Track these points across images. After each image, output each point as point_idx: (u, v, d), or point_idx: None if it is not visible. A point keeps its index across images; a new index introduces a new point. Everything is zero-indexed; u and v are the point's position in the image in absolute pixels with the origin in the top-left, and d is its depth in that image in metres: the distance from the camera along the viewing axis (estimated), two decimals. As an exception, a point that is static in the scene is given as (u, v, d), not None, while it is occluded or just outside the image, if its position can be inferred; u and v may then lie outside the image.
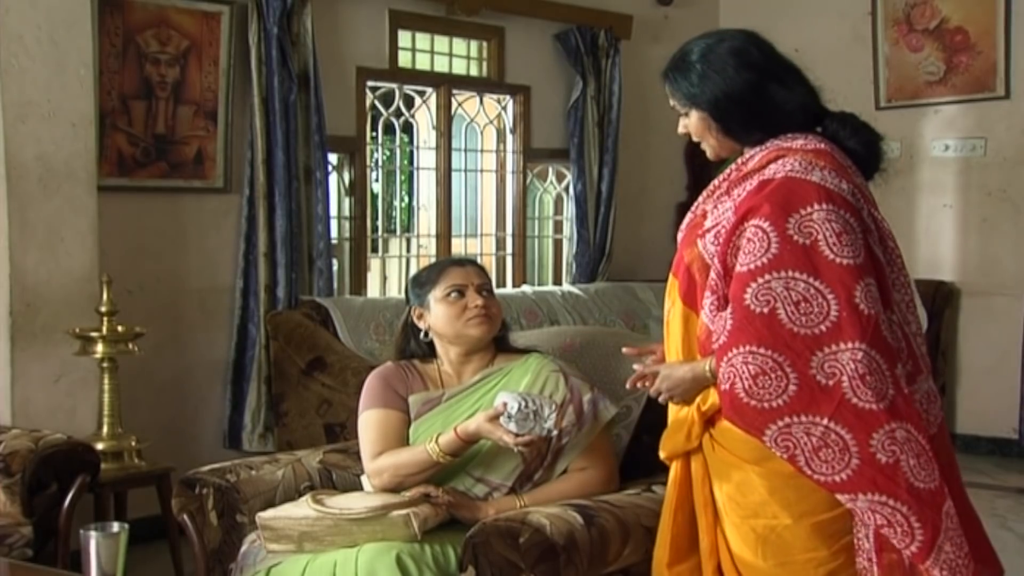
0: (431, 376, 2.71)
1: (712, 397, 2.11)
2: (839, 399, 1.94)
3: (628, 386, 2.29)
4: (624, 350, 2.42)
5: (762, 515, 2.07)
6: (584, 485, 2.56)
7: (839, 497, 1.98)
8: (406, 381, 2.69)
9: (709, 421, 2.15)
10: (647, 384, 2.23)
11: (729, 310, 2.02)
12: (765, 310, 1.97)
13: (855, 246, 1.99)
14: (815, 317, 1.96)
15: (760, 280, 1.98)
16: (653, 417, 2.68)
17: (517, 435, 2.38)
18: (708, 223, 2.15)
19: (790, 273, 1.97)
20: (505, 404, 2.40)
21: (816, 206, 2.00)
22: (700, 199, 2.26)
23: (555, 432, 2.42)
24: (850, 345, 1.94)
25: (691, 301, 2.16)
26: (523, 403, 2.38)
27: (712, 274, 2.09)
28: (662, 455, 2.28)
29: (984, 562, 2.10)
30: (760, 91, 2.14)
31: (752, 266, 2.00)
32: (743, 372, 1.97)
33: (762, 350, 1.96)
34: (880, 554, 2.00)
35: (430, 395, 2.66)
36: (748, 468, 2.08)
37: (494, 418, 2.41)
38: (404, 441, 2.62)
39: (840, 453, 1.95)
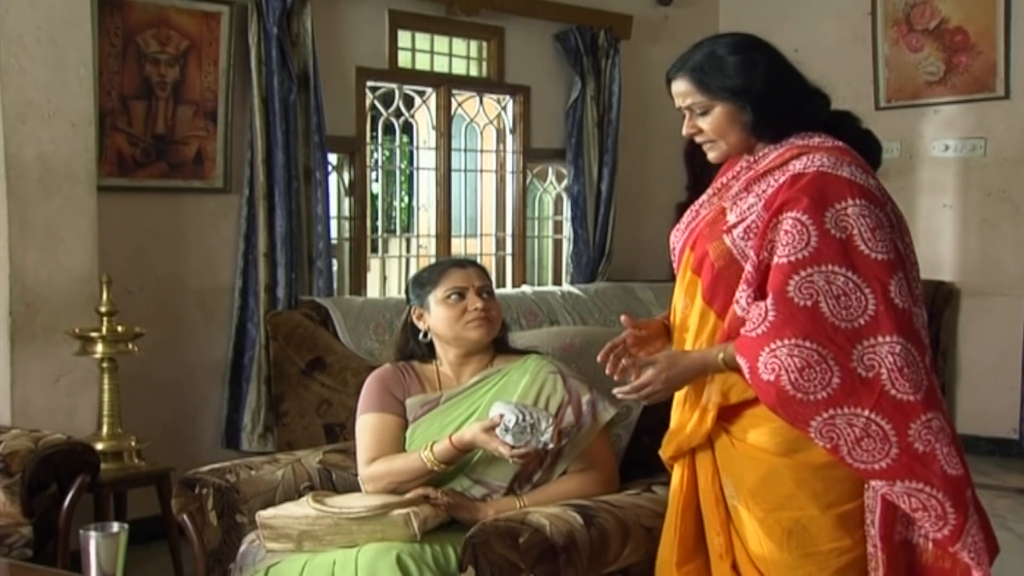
0: (429, 377, 2.71)
1: (738, 388, 2.11)
2: (879, 391, 1.98)
3: (608, 371, 2.22)
4: (623, 318, 2.28)
5: (788, 507, 2.10)
6: (584, 486, 2.56)
7: (875, 483, 2.03)
8: (403, 383, 2.69)
9: (725, 418, 2.16)
10: (632, 377, 2.17)
11: (769, 301, 2.03)
12: (808, 303, 2.00)
13: (887, 241, 2.03)
14: (854, 311, 2.00)
15: (803, 273, 2.01)
16: (653, 417, 2.68)
17: (513, 447, 2.38)
18: (732, 219, 2.15)
19: (830, 267, 2.01)
20: (502, 416, 2.39)
21: (850, 201, 2.03)
22: (705, 197, 2.26)
23: (551, 445, 2.41)
24: (888, 339, 1.98)
25: (711, 298, 2.16)
26: (520, 416, 2.37)
27: (748, 266, 2.09)
28: (665, 455, 2.28)
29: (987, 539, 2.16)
30: (793, 81, 2.18)
31: (793, 258, 2.02)
32: (789, 365, 1.99)
33: (807, 343, 1.99)
34: (885, 540, 2.06)
35: (428, 397, 2.66)
36: (775, 461, 2.10)
37: (490, 428, 2.40)
38: (400, 446, 2.62)
39: (881, 443, 1.99)
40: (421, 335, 2.73)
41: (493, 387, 2.63)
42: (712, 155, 2.26)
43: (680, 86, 2.21)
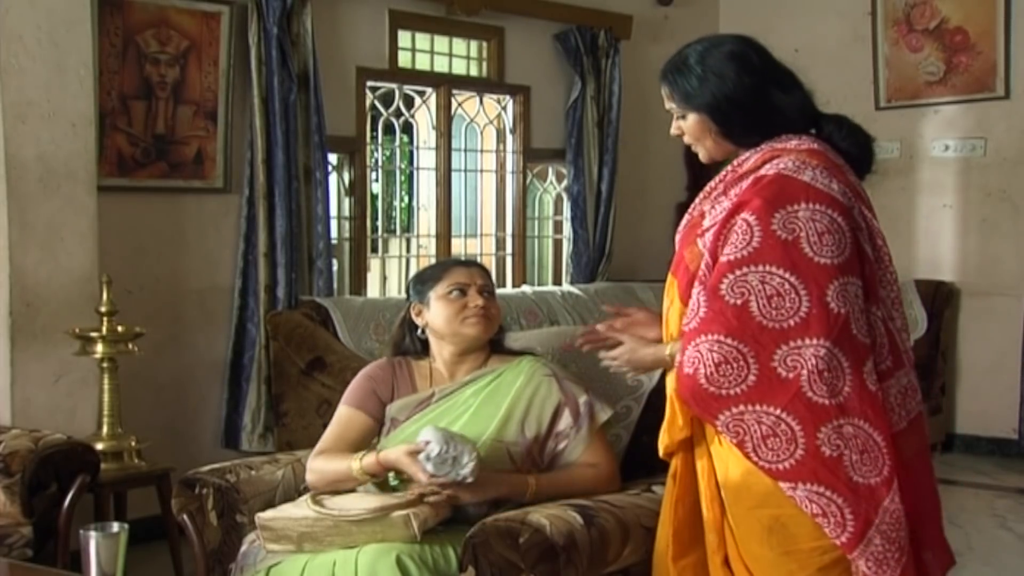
0: (422, 374, 2.72)
1: None
2: (795, 391, 2.01)
3: (579, 343, 2.39)
4: (604, 307, 2.47)
5: (767, 505, 2.10)
6: (596, 480, 2.57)
7: (781, 485, 2.04)
8: (393, 383, 2.70)
9: None
10: (602, 347, 2.32)
11: (703, 297, 2.07)
12: (738, 301, 2.03)
13: (838, 245, 2.03)
14: (785, 312, 2.02)
15: (738, 272, 2.04)
16: (653, 417, 2.68)
17: (433, 475, 2.37)
18: (707, 223, 2.18)
19: (767, 268, 2.03)
20: (427, 443, 2.39)
21: (803, 204, 2.04)
22: (697, 200, 2.29)
23: (471, 479, 2.38)
24: (814, 341, 2.00)
25: (687, 299, 2.18)
26: (444, 448, 2.36)
27: (702, 265, 2.12)
28: (660, 452, 2.30)
29: (938, 552, 2.17)
30: (761, 95, 2.18)
31: (732, 257, 2.05)
32: (707, 359, 2.03)
33: (729, 340, 2.02)
34: None
35: (420, 397, 2.66)
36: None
37: (414, 452, 2.40)
38: (360, 446, 2.62)
39: (787, 443, 2.02)
40: (418, 331, 2.73)
41: (486, 387, 2.64)
42: (700, 156, 2.30)
43: (662, 89, 2.27)
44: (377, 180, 5.83)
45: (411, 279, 2.83)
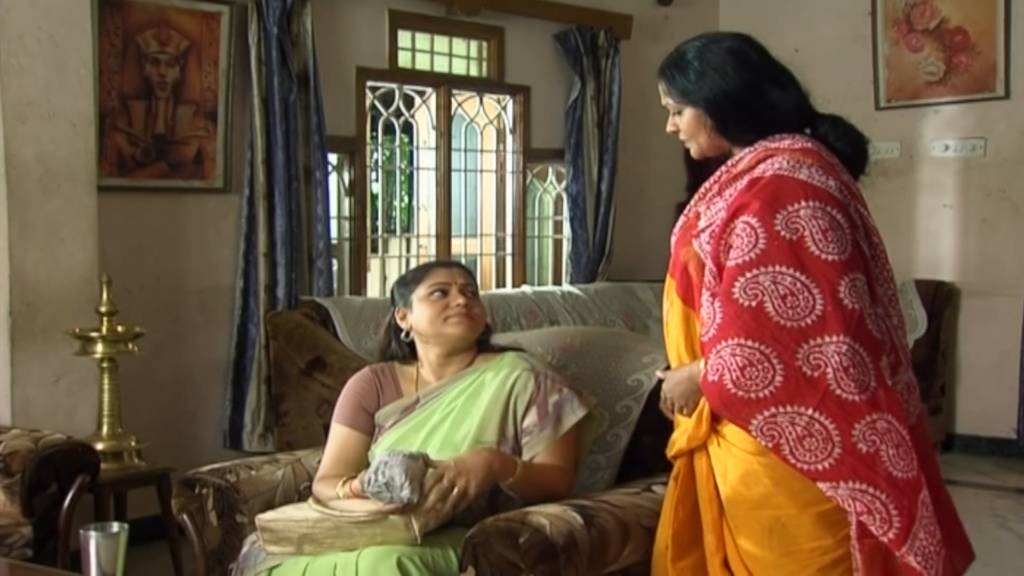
0: (409, 378, 2.71)
1: None
2: (824, 390, 2.00)
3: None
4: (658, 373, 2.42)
5: (767, 506, 2.10)
6: (565, 484, 2.55)
7: (820, 485, 2.03)
8: (378, 393, 2.69)
9: (715, 417, 2.17)
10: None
11: (717, 304, 2.06)
12: (753, 303, 2.02)
13: (841, 242, 2.04)
14: (801, 311, 2.01)
15: (748, 275, 2.03)
16: (653, 417, 2.68)
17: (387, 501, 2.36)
18: (702, 223, 2.18)
19: (777, 268, 2.02)
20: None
21: (803, 203, 2.04)
22: (692, 201, 2.30)
23: (416, 500, 2.34)
24: (835, 338, 1.99)
25: (690, 300, 2.20)
26: (372, 477, 2.34)
27: (707, 272, 2.12)
28: (669, 454, 2.30)
29: (958, 549, 2.16)
30: (757, 91, 2.18)
31: (740, 261, 2.04)
32: (731, 364, 2.02)
33: (750, 342, 2.01)
34: (861, 540, 2.05)
35: (406, 402, 2.66)
36: (753, 460, 2.11)
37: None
38: (358, 463, 2.63)
39: (823, 442, 2.01)
40: (403, 335, 2.73)
41: (469, 388, 2.62)
42: (692, 153, 2.30)
43: (659, 85, 2.28)
44: (377, 180, 5.83)
45: (393, 284, 2.82)
